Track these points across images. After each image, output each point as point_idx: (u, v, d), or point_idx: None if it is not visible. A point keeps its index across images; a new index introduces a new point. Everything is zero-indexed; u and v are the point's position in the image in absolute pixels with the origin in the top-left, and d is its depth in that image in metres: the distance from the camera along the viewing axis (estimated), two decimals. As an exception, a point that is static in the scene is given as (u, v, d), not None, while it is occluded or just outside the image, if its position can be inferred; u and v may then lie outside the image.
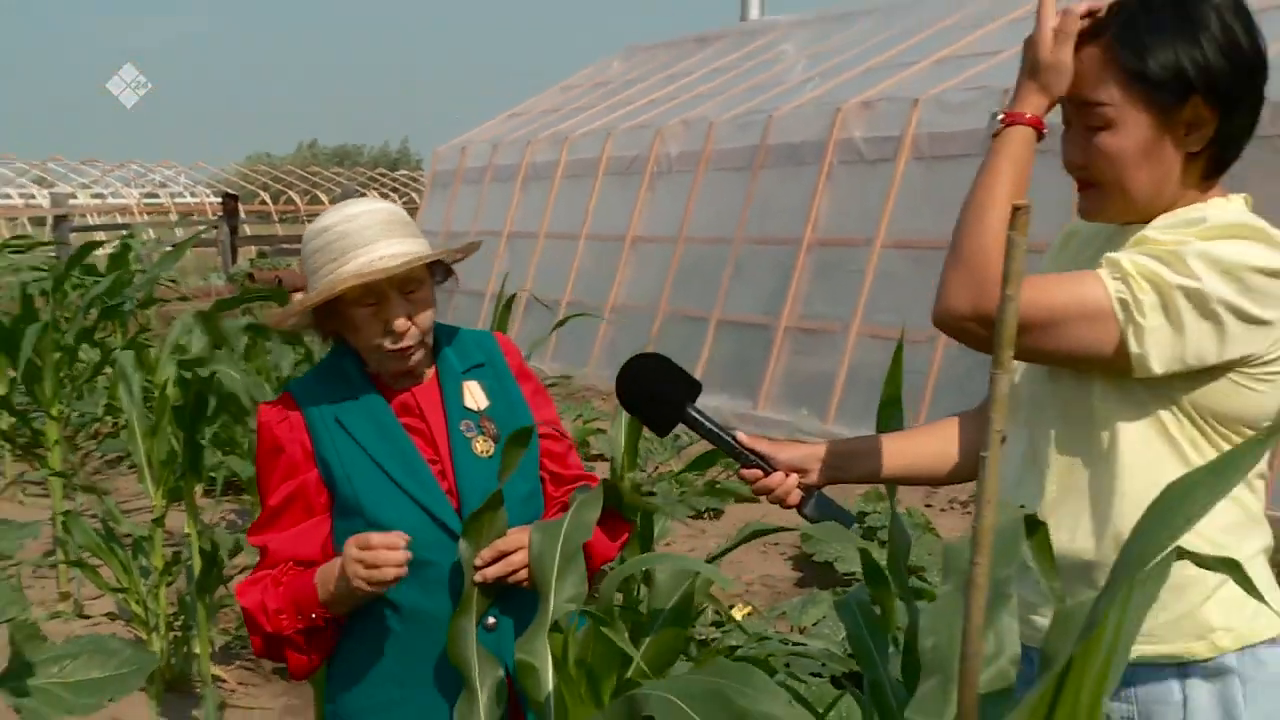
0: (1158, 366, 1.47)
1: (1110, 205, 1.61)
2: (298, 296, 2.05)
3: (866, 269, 7.88)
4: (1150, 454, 1.54)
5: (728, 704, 1.22)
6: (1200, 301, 1.44)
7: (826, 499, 1.81)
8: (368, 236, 1.85)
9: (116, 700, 1.88)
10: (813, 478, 1.79)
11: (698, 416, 1.83)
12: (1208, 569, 1.17)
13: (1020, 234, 0.87)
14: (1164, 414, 1.54)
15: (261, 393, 3.02)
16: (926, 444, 1.85)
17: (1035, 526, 1.46)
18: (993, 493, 0.89)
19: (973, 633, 0.91)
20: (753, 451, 1.80)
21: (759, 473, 1.78)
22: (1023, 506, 1.28)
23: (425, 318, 1.91)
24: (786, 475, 1.78)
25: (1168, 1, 1.53)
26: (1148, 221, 1.58)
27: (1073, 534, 1.59)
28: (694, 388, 1.87)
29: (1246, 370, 1.50)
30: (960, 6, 9.94)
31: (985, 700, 1.01)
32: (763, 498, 1.81)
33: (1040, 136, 1.58)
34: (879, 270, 7.83)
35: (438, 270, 1.95)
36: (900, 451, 1.82)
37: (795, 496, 1.78)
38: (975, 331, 1.54)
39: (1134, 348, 1.46)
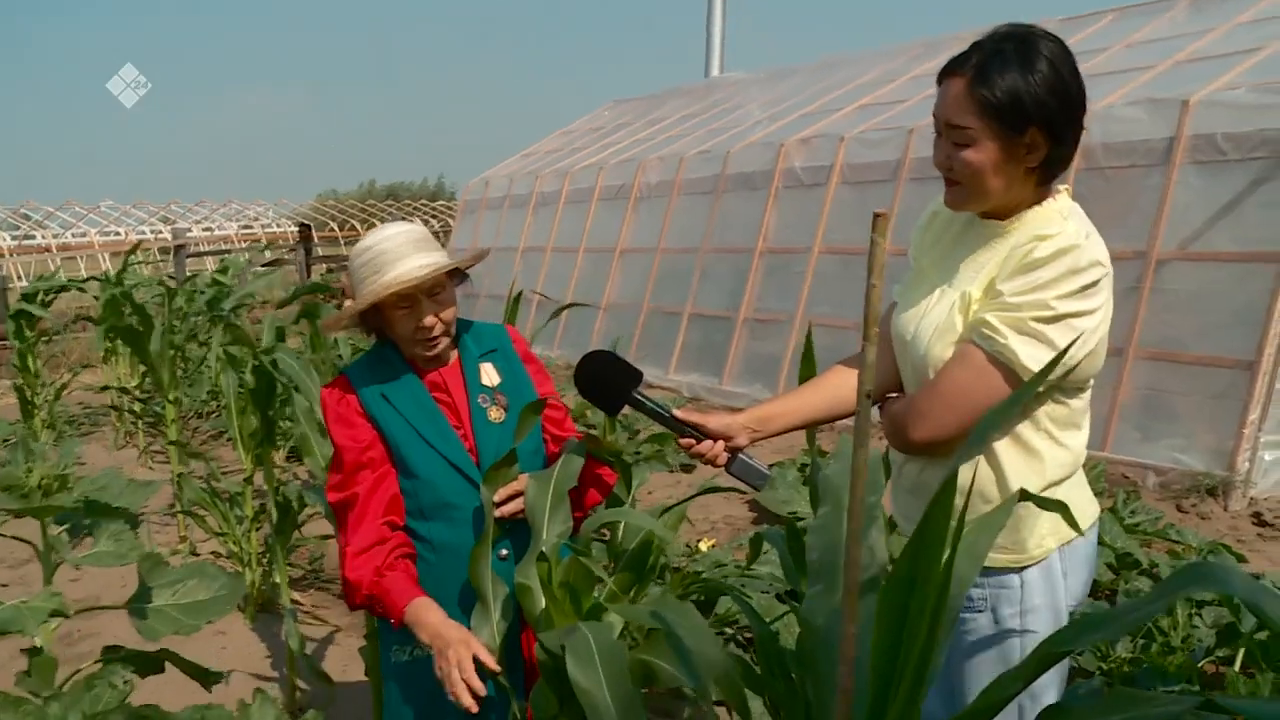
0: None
1: (970, 200, 1.60)
2: (349, 303, 2.02)
3: (806, 271, 7.83)
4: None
5: (663, 626, 1.25)
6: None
7: (745, 461, 1.73)
8: (400, 253, 1.82)
9: (215, 621, 1.85)
10: (740, 441, 1.72)
11: (640, 398, 1.75)
12: (1044, 509, 1.21)
13: (881, 236, 0.89)
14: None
15: (311, 375, 2.98)
16: (821, 396, 1.78)
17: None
18: (864, 436, 0.89)
19: (854, 541, 0.90)
20: (687, 423, 1.72)
21: (693, 440, 1.71)
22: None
23: (449, 314, 1.89)
24: (715, 441, 1.71)
25: (1012, 48, 1.51)
26: (999, 215, 1.60)
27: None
28: (636, 377, 1.77)
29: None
30: (875, 65, 9.90)
31: (862, 586, 1.02)
32: (698, 460, 1.73)
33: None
34: (816, 272, 7.78)
35: (456, 276, 1.93)
36: (801, 408, 1.76)
37: (723, 458, 1.72)
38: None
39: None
